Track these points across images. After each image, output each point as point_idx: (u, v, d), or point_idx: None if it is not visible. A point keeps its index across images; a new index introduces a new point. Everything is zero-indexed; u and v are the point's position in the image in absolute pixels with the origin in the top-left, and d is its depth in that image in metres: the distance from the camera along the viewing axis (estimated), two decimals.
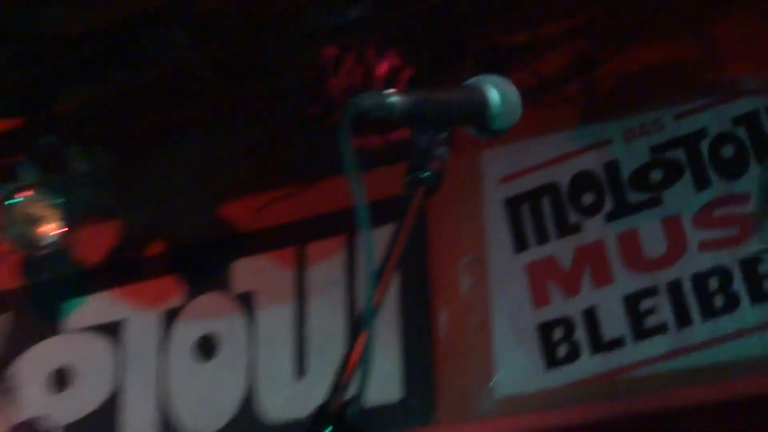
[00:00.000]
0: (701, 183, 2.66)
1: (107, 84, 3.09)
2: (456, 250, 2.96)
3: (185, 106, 3.18)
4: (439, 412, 3.01)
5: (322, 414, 0.94)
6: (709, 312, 2.54)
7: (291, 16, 2.85)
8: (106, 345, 3.21)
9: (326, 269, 3.08)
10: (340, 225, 2.99)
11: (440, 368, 3.03)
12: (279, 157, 3.13)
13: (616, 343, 2.62)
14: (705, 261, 2.60)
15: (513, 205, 2.82)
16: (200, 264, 3.31)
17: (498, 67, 2.70)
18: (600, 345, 2.63)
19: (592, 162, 2.76)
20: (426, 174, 1.04)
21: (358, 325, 0.99)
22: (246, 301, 3.23)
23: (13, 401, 3.23)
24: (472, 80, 1.12)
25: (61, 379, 3.25)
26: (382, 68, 2.79)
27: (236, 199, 3.19)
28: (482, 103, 1.10)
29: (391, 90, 1.01)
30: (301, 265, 3.11)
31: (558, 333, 2.69)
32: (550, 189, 2.78)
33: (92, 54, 3.01)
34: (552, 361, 2.67)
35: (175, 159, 3.23)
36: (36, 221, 3.04)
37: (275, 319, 3.13)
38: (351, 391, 0.94)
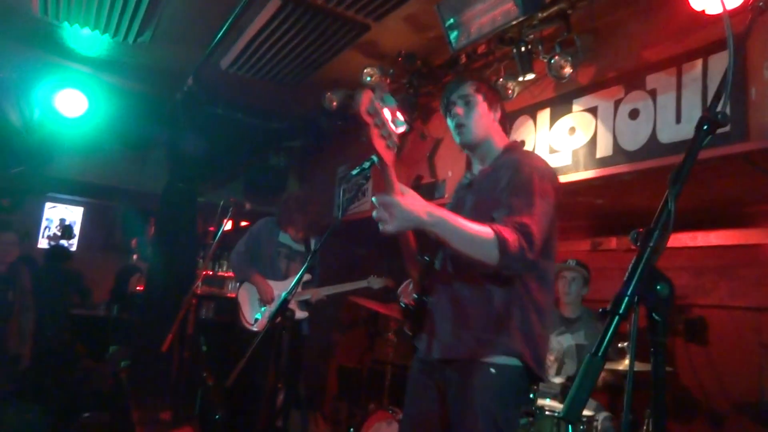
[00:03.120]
0: None
1: None
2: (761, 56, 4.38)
3: None
4: (751, 136, 4.29)
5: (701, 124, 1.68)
6: None
7: None
8: None
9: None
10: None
11: (751, 115, 4.37)
12: None
13: None
14: None
15: None
16: None
17: None
18: None
19: None
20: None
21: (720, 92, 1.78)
22: (652, 93, 4.98)
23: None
24: None
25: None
26: None
27: None
28: None
29: None
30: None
31: None
32: None
33: None
34: None
35: None
36: None
37: (667, 95, 4.96)
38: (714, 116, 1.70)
